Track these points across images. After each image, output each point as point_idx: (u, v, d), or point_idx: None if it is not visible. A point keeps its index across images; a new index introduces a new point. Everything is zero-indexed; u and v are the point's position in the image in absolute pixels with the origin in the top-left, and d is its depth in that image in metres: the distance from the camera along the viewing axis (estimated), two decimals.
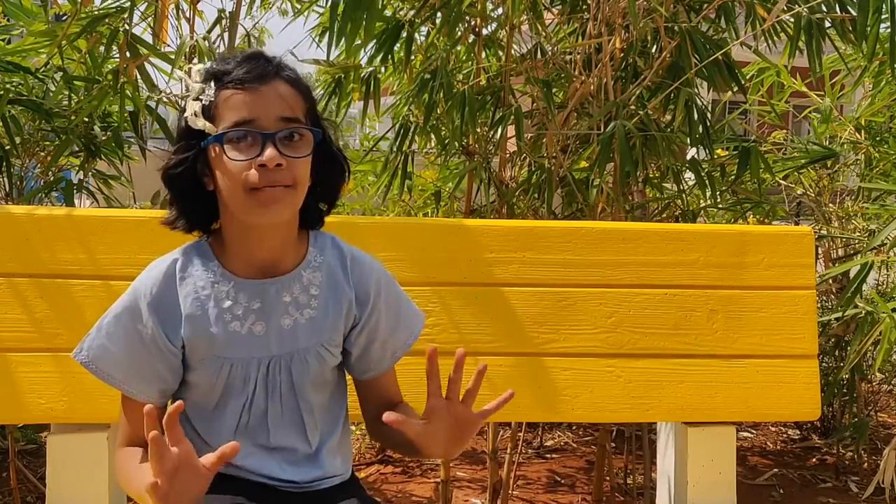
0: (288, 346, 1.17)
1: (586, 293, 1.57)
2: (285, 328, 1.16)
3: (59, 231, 1.44)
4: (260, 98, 1.09)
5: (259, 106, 1.08)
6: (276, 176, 1.08)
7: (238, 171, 1.08)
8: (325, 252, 1.21)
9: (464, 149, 2.26)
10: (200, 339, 1.14)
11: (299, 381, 1.18)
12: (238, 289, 1.15)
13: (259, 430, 1.18)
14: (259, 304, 1.15)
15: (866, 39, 1.98)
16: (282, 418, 1.18)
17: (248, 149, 1.08)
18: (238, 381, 1.16)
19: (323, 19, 2.36)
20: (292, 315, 1.17)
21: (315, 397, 1.21)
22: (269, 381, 1.17)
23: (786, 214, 3.01)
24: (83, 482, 1.44)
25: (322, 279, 1.19)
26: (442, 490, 2.24)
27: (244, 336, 1.15)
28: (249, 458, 1.18)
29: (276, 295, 1.16)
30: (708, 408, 1.58)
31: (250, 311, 1.15)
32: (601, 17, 2.08)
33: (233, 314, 1.15)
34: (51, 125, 2.20)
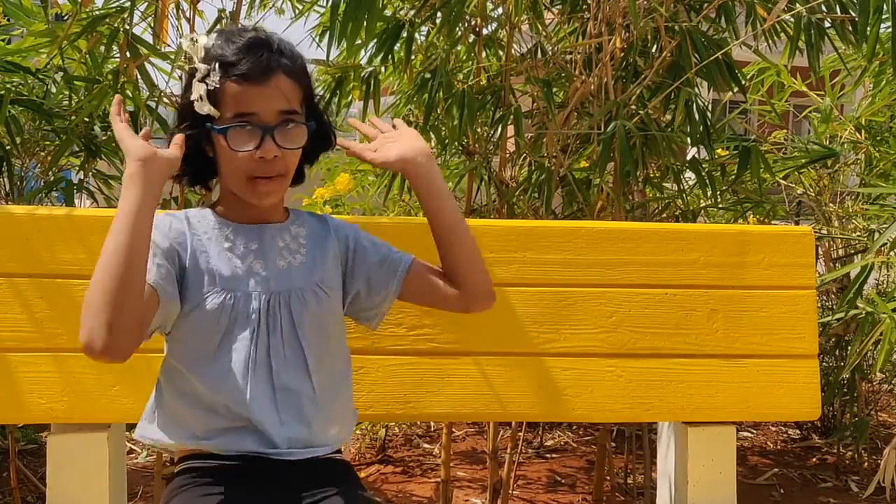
0: (285, 283, 1.24)
1: (586, 293, 1.57)
2: (281, 268, 1.25)
3: (59, 231, 1.44)
4: (261, 93, 1.19)
5: (260, 100, 1.19)
6: (272, 165, 1.20)
7: (238, 161, 1.19)
8: (303, 217, 1.34)
9: (464, 148, 2.26)
10: (204, 273, 1.21)
11: (299, 319, 1.24)
12: (237, 232, 1.25)
13: (264, 367, 1.21)
14: (257, 245, 1.25)
15: (866, 40, 1.98)
16: (284, 357, 1.22)
17: (248, 140, 1.18)
18: (242, 314, 1.21)
19: (323, 19, 2.36)
20: (286, 258, 1.26)
21: (315, 340, 1.25)
22: (271, 316, 1.22)
23: (786, 214, 3.01)
24: (83, 482, 1.44)
25: (306, 233, 1.31)
26: (442, 490, 2.24)
27: (245, 272, 1.23)
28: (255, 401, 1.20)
29: (271, 238, 1.26)
30: (708, 408, 1.58)
31: (249, 251, 1.24)
32: (601, 16, 2.08)
33: (233, 253, 1.24)
34: (51, 125, 2.20)
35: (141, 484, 2.57)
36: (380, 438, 2.92)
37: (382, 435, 2.94)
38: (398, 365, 1.53)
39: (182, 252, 1.21)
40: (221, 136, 1.19)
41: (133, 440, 2.91)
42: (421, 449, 2.98)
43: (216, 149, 1.22)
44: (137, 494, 2.50)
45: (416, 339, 1.53)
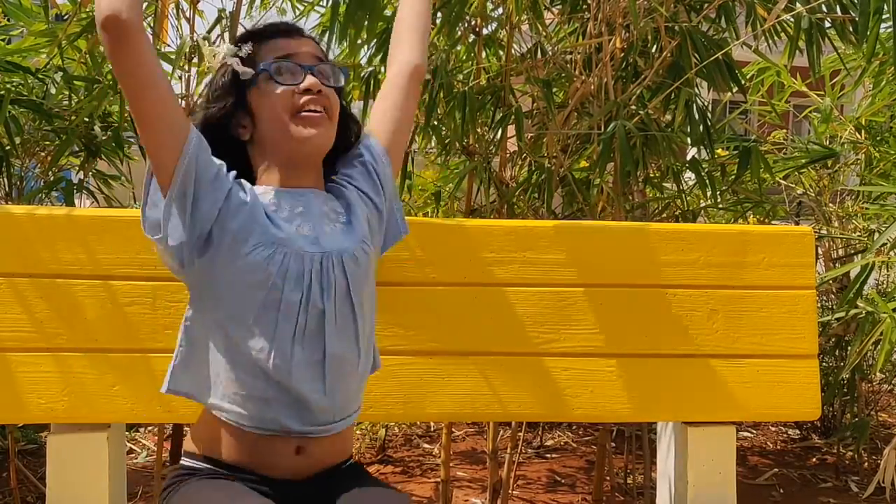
0: (336, 244, 1.21)
1: (586, 293, 1.57)
2: (327, 232, 1.23)
3: (59, 231, 1.44)
4: (295, 41, 1.26)
5: (296, 46, 1.25)
6: (318, 100, 1.22)
7: (284, 96, 1.21)
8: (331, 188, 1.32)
9: (464, 149, 2.26)
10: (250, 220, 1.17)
11: (353, 281, 1.21)
12: (280, 195, 1.22)
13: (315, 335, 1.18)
14: (301, 209, 1.22)
15: (867, 40, 1.98)
16: (336, 324, 1.19)
17: (291, 75, 1.22)
18: (293, 274, 1.17)
19: (324, 19, 2.36)
20: (331, 222, 1.24)
21: (367, 303, 1.25)
22: (325, 278, 1.19)
23: (786, 214, 3.01)
24: (83, 482, 1.44)
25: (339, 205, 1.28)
26: (442, 490, 2.24)
27: (293, 233, 1.19)
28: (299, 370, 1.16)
29: (314, 202, 1.24)
30: (708, 408, 1.58)
31: (295, 215, 1.21)
32: (601, 16, 2.07)
33: (280, 216, 1.20)
34: (51, 125, 2.20)
35: (141, 484, 2.57)
36: (380, 438, 2.92)
37: (382, 435, 2.94)
38: (398, 365, 1.53)
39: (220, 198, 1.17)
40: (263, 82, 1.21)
41: (133, 440, 2.92)
42: (421, 449, 2.98)
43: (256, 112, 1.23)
44: (137, 494, 2.50)
45: (416, 339, 1.53)
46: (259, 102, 1.22)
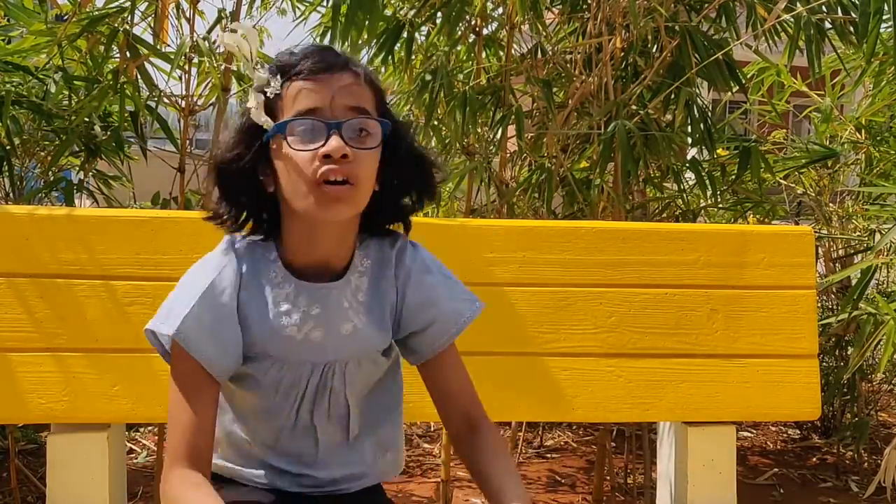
0: (344, 352, 1.12)
1: (586, 293, 1.57)
2: (344, 334, 1.12)
3: (60, 231, 1.44)
4: (326, 87, 1.04)
5: (325, 96, 1.04)
6: (341, 167, 1.02)
7: (301, 162, 1.03)
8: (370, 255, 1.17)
9: (464, 148, 2.26)
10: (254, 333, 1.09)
11: (352, 386, 1.14)
12: (298, 291, 1.10)
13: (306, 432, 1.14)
14: (319, 310, 1.11)
15: (866, 41, 1.98)
16: (328, 418, 1.14)
17: (312, 140, 1.03)
18: (287, 383, 1.12)
19: (324, 19, 2.36)
20: (352, 320, 1.12)
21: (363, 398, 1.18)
22: (321, 385, 1.13)
23: (786, 214, 3.01)
24: (83, 482, 1.44)
25: (367, 284, 1.15)
26: (442, 490, 2.24)
27: (299, 342, 1.10)
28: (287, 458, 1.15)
29: (336, 299, 1.11)
30: (708, 408, 1.58)
31: (309, 317, 1.10)
32: (601, 16, 2.08)
33: (290, 319, 1.10)
34: (51, 125, 2.20)
35: (141, 484, 2.57)
36: None
37: None
38: None
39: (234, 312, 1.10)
40: (281, 139, 1.04)
41: (133, 440, 2.92)
42: (421, 449, 2.98)
43: (276, 169, 1.06)
44: (137, 494, 2.50)
45: None
46: (278, 162, 1.06)
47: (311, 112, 1.03)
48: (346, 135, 1.03)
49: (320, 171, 1.02)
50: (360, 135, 1.05)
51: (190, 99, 2.20)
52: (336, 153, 1.01)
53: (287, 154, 1.04)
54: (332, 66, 1.05)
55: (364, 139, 1.05)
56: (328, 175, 1.02)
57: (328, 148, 1.02)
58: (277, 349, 1.10)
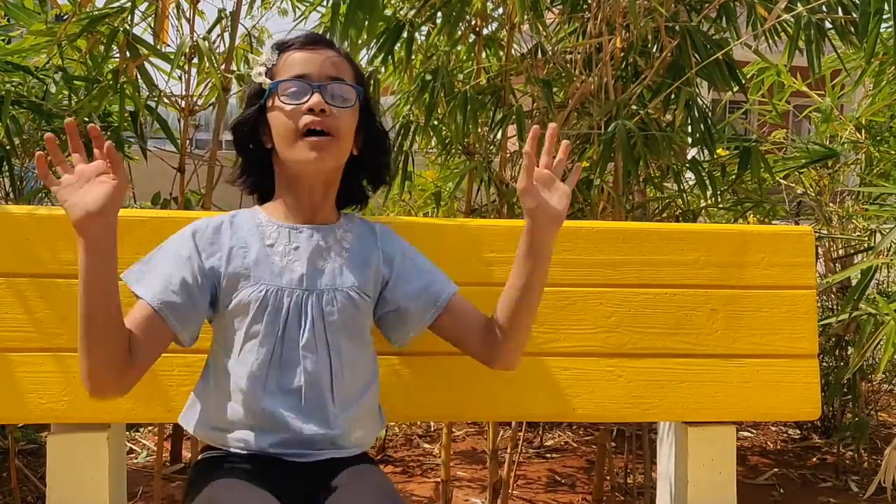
0: (320, 282, 1.27)
1: (586, 293, 1.57)
2: (319, 268, 1.28)
3: (60, 231, 1.44)
4: (312, 58, 1.28)
5: (311, 64, 1.27)
6: (321, 121, 1.24)
7: (289, 115, 1.25)
8: (354, 223, 1.37)
9: (464, 148, 2.26)
10: (240, 269, 1.25)
11: (330, 317, 1.26)
12: (279, 232, 1.29)
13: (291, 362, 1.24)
14: (297, 245, 1.29)
15: (867, 41, 1.98)
16: (315, 355, 1.25)
17: (299, 97, 1.25)
18: (273, 308, 1.24)
19: (324, 19, 2.36)
20: (326, 259, 1.29)
21: (344, 342, 1.28)
22: (302, 313, 1.25)
23: (786, 214, 3.01)
24: (83, 482, 1.44)
25: (352, 238, 1.33)
26: (442, 490, 2.24)
27: (281, 268, 1.26)
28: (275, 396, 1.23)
29: (313, 239, 1.29)
30: (708, 408, 1.58)
31: (290, 250, 1.28)
32: (602, 16, 2.07)
33: (273, 250, 1.27)
34: (51, 125, 2.20)
35: (141, 484, 2.57)
36: (380, 438, 2.92)
37: (382, 435, 2.94)
38: (398, 365, 1.53)
39: (221, 260, 1.26)
40: (275, 96, 1.26)
41: (133, 440, 2.92)
42: (421, 449, 2.98)
43: (270, 124, 1.28)
44: (137, 494, 2.50)
45: (416, 339, 1.52)
46: (272, 117, 1.28)
47: (300, 77, 1.27)
48: (326, 96, 1.26)
49: (303, 122, 1.24)
50: (340, 97, 1.27)
51: (190, 99, 2.20)
52: (317, 107, 1.24)
53: (278, 108, 1.26)
54: (319, 42, 1.31)
55: (342, 96, 1.28)
56: (310, 125, 1.24)
57: (311, 102, 1.25)
58: (264, 273, 1.25)
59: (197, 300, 1.23)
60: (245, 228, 1.29)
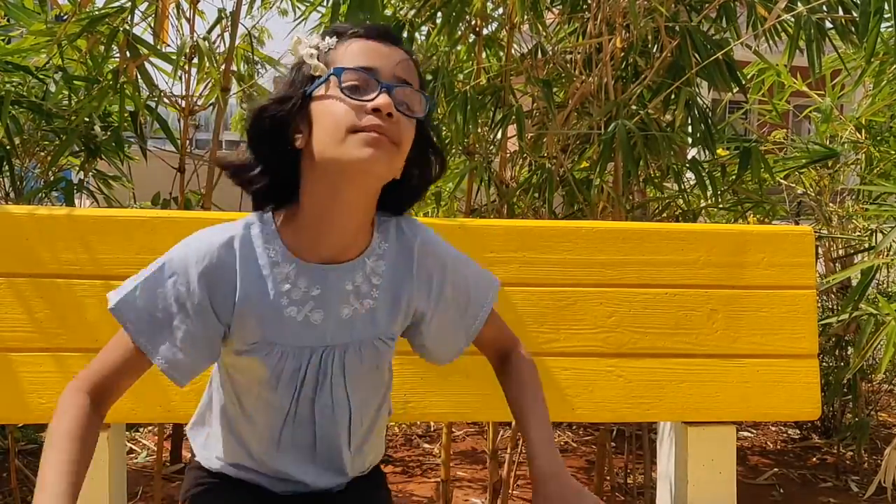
0: (344, 336, 1.11)
1: (586, 293, 1.57)
2: (344, 318, 1.11)
3: (60, 231, 1.44)
4: (383, 52, 1.06)
5: (382, 58, 1.05)
6: (385, 125, 1.02)
7: (347, 110, 1.02)
8: (390, 238, 1.16)
9: (464, 148, 2.26)
10: (252, 321, 1.08)
11: (352, 374, 1.13)
12: (299, 272, 1.09)
13: (305, 420, 1.14)
14: (319, 291, 1.09)
15: (867, 40, 1.98)
16: (332, 411, 1.14)
17: (362, 94, 1.03)
18: (288, 369, 1.10)
19: (323, 19, 2.36)
20: (352, 305, 1.11)
21: (364, 391, 1.16)
22: (321, 373, 1.11)
23: (786, 214, 3.01)
24: (83, 482, 1.44)
25: (384, 268, 1.14)
26: (442, 490, 2.24)
27: (299, 323, 1.09)
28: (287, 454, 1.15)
29: (337, 282, 1.10)
30: (708, 407, 1.58)
31: (309, 297, 1.09)
32: (601, 16, 2.07)
33: (290, 298, 1.08)
34: (51, 125, 2.20)
35: (141, 484, 2.57)
36: None
37: None
38: (398, 365, 1.52)
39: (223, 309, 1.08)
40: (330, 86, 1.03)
41: (133, 440, 2.92)
42: (421, 449, 2.98)
43: (313, 118, 1.05)
44: (137, 494, 2.50)
45: None
46: (320, 108, 1.04)
47: (367, 69, 1.04)
48: (395, 99, 1.03)
49: (366, 122, 1.01)
50: (407, 106, 1.06)
51: (190, 99, 2.21)
52: (385, 108, 1.01)
53: (333, 99, 1.03)
54: (389, 37, 1.08)
55: (413, 104, 1.07)
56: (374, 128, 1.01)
57: (378, 101, 1.02)
58: (279, 333, 1.08)
59: (203, 348, 1.09)
60: (258, 264, 1.08)
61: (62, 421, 1.02)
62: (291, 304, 1.08)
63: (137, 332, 1.07)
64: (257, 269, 1.08)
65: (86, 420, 1.03)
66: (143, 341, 1.07)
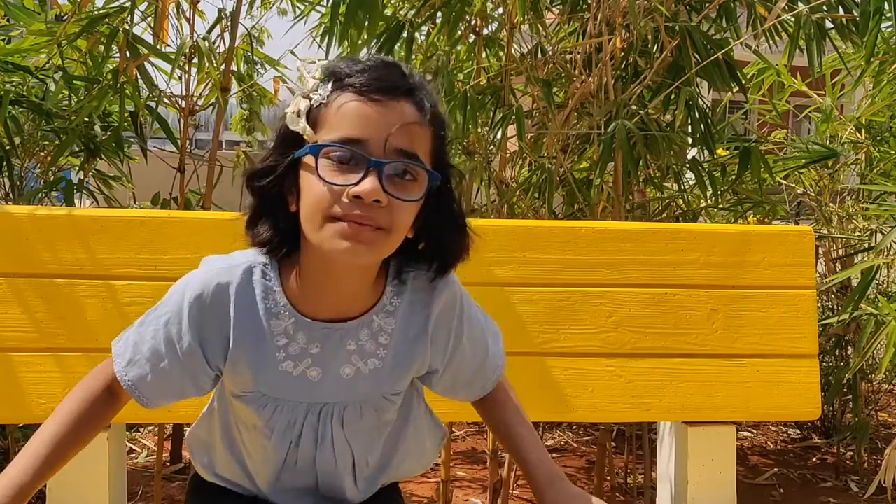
0: (343, 395, 1.03)
1: (586, 293, 1.57)
2: (344, 377, 1.03)
3: (60, 231, 1.44)
4: (379, 117, 0.90)
5: (375, 126, 0.90)
6: (370, 214, 0.89)
7: (325, 194, 0.90)
8: (404, 293, 1.05)
9: (464, 149, 2.26)
10: (245, 371, 1.01)
11: (352, 430, 1.06)
12: (298, 327, 1.00)
13: (306, 471, 1.08)
14: (318, 349, 1.01)
15: (867, 40, 1.98)
16: (335, 466, 1.07)
17: (346, 173, 0.90)
18: (282, 423, 1.04)
19: (323, 19, 2.36)
20: (355, 364, 1.03)
21: (370, 441, 1.09)
22: (319, 429, 1.04)
23: (786, 214, 3.01)
24: (83, 482, 1.44)
25: (395, 326, 1.04)
26: (442, 490, 2.24)
27: (295, 378, 1.01)
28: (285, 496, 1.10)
29: (339, 341, 1.01)
30: (708, 407, 1.58)
31: (307, 354, 1.01)
32: (601, 16, 2.07)
33: (287, 353, 1.01)
34: (51, 125, 2.20)
35: (141, 484, 2.57)
36: None
37: None
38: None
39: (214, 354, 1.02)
40: (312, 160, 0.91)
41: (133, 440, 2.92)
42: None
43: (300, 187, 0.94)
44: (137, 494, 2.50)
45: None
46: (304, 181, 0.93)
47: (353, 142, 0.90)
48: (386, 179, 0.89)
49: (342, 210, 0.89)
50: (404, 178, 0.92)
51: (190, 99, 2.20)
52: (368, 196, 0.88)
53: (313, 180, 0.91)
54: (393, 90, 0.92)
55: (406, 185, 0.92)
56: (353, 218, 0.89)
57: (361, 188, 0.88)
58: (272, 386, 1.02)
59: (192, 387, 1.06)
60: (256, 312, 1.00)
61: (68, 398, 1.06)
62: (288, 359, 1.01)
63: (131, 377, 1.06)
64: (254, 319, 1.00)
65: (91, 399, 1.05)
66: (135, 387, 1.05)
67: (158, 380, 1.04)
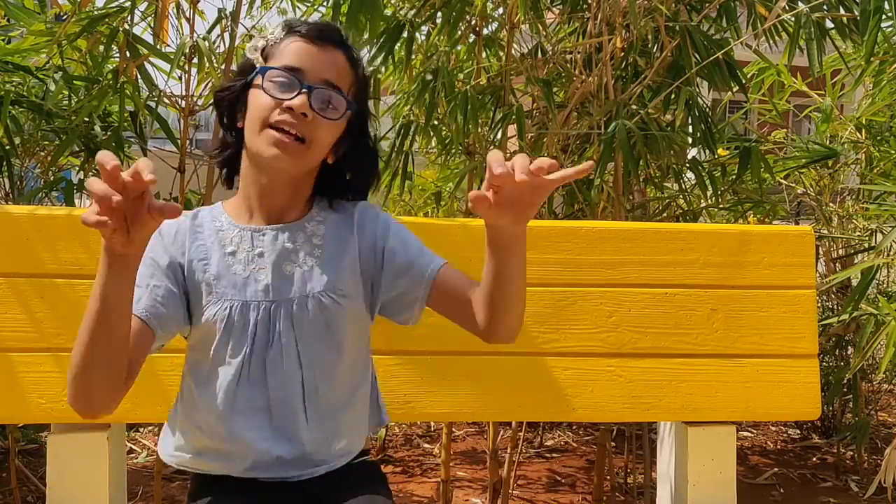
0: (289, 291, 1.18)
1: (586, 293, 1.57)
2: (287, 274, 1.19)
3: (60, 231, 1.44)
4: (315, 53, 1.17)
5: (311, 60, 1.16)
6: (297, 124, 1.13)
7: (266, 104, 1.14)
8: (331, 211, 1.25)
9: (464, 148, 2.26)
10: (202, 283, 1.17)
11: (300, 329, 1.17)
12: (242, 235, 1.20)
13: (259, 382, 1.17)
14: (261, 250, 1.19)
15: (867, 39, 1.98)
16: (282, 367, 1.17)
17: (285, 91, 1.14)
18: (238, 325, 1.16)
19: (324, 19, 2.36)
20: (294, 262, 1.19)
21: (320, 354, 1.18)
22: (270, 326, 1.17)
23: (786, 214, 3.01)
24: (83, 482, 1.44)
25: (325, 231, 1.22)
26: (442, 490, 2.24)
27: (245, 278, 1.18)
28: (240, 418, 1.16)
29: (278, 241, 1.20)
30: (708, 407, 1.58)
31: (253, 256, 1.19)
32: (602, 16, 2.07)
33: (235, 258, 1.19)
34: (51, 125, 2.20)
35: (141, 484, 2.57)
36: (380, 438, 2.92)
37: (382, 435, 2.94)
38: (398, 365, 1.53)
39: (182, 263, 1.18)
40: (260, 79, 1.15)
41: (133, 440, 2.92)
42: (421, 449, 2.98)
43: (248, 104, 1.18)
44: (137, 494, 2.51)
45: (416, 339, 1.53)
46: (252, 97, 1.18)
47: (293, 70, 1.15)
48: (314, 100, 1.14)
49: (276, 118, 1.13)
50: (328, 107, 1.16)
51: (190, 99, 2.20)
52: (298, 109, 1.13)
53: (258, 94, 1.15)
54: (330, 38, 1.18)
55: (328, 110, 1.16)
56: (282, 123, 1.13)
57: (292, 102, 1.13)
58: (226, 287, 1.17)
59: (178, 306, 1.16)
60: (206, 233, 1.20)
61: None
62: (237, 264, 1.18)
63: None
64: (206, 238, 1.20)
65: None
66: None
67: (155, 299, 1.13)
